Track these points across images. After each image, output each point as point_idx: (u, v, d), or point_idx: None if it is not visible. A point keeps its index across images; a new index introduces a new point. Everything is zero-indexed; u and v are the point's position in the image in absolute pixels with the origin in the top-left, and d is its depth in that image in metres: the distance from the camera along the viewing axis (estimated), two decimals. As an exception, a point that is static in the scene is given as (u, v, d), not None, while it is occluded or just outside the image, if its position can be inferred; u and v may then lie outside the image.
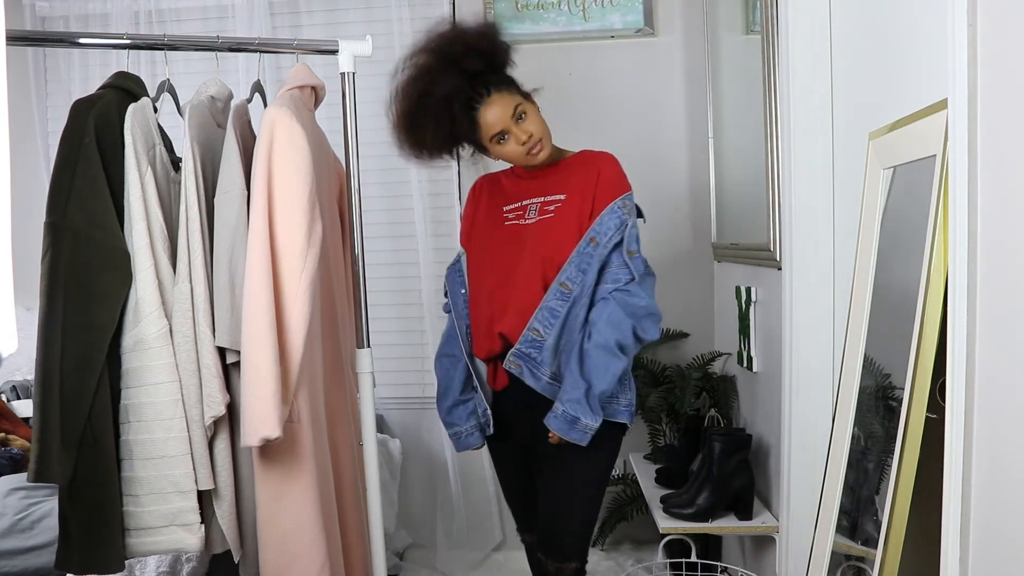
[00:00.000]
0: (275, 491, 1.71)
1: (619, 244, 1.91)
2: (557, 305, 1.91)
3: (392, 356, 3.21)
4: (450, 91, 1.89)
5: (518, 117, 1.93)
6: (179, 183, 1.74)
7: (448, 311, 2.12)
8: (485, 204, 2.10)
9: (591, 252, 1.91)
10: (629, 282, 1.90)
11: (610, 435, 1.96)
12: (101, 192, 1.65)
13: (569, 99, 3.10)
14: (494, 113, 1.91)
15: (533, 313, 1.92)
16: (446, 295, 2.12)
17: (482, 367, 2.06)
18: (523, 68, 2.05)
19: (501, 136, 1.94)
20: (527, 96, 1.99)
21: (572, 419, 1.85)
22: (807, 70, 1.92)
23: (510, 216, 2.03)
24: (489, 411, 2.03)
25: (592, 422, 1.85)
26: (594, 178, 1.95)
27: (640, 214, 2.04)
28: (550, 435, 1.89)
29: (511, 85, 1.96)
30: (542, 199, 2.00)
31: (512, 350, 1.94)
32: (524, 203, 2.02)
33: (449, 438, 2.14)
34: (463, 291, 2.08)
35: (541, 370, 1.93)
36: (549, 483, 2.01)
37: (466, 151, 2.06)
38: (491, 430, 2.04)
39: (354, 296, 2.01)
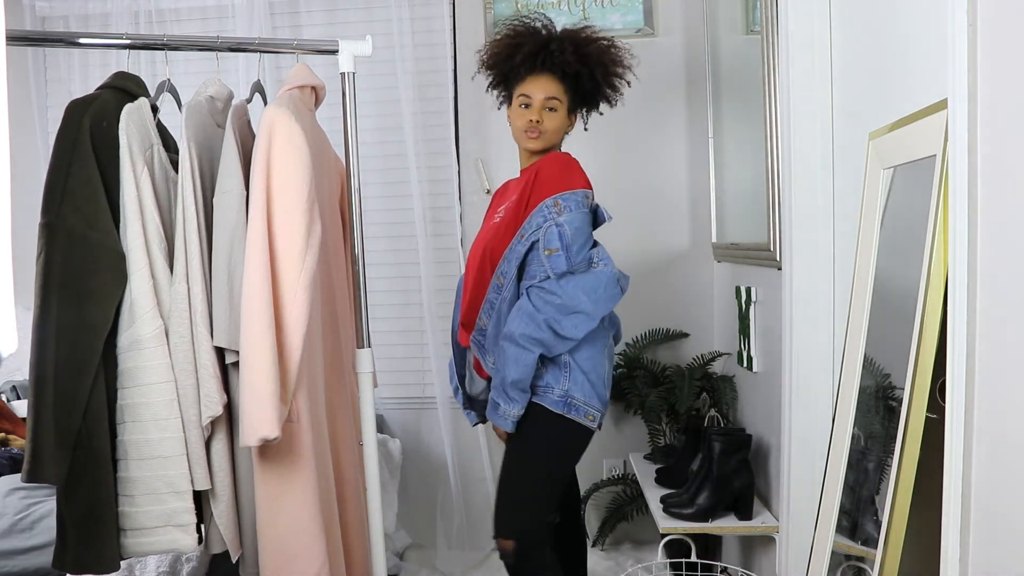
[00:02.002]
0: (275, 491, 1.70)
1: (537, 243, 1.97)
2: (493, 297, 2.05)
3: (392, 356, 3.21)
4: (535, 48, 2.08)
5: (549, 106, 2.07)
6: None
7: None
8: (492, 207, 2.24)
9: (516, 248, 2.02)
10: (544, 280, 1.96)
11: (543, 421, 1.99)
12: (96, 193, 1.65)
13: (569, 99, 3.09)
14: (539, 83, 2.08)
15: (475, 302, 2.08)
16: None
17: (470, 356, 2.21)
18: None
19: (525, 101, 2.08)
20: (572, 109, 2.13)
21: (494, 404, 2.00)
22: (807, 70, 1.92)
23: (496, 217, 2.15)
24: (460, 397, 2.26)
25: (510, 407, 1.97)
26: (532, 179, 2.04)
27: (599, 213, 2.10)
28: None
29: (572, 91, 2.11)
30: (511, 199, 2.10)
31: (472, 335, 2.10)
32: (505, 203, 2.13)
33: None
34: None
35: (487, 358, 2.07)
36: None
37: (497, 100, 2.26)
38: (471, 412, 2.26)
39: (354, 296, 2.01)
